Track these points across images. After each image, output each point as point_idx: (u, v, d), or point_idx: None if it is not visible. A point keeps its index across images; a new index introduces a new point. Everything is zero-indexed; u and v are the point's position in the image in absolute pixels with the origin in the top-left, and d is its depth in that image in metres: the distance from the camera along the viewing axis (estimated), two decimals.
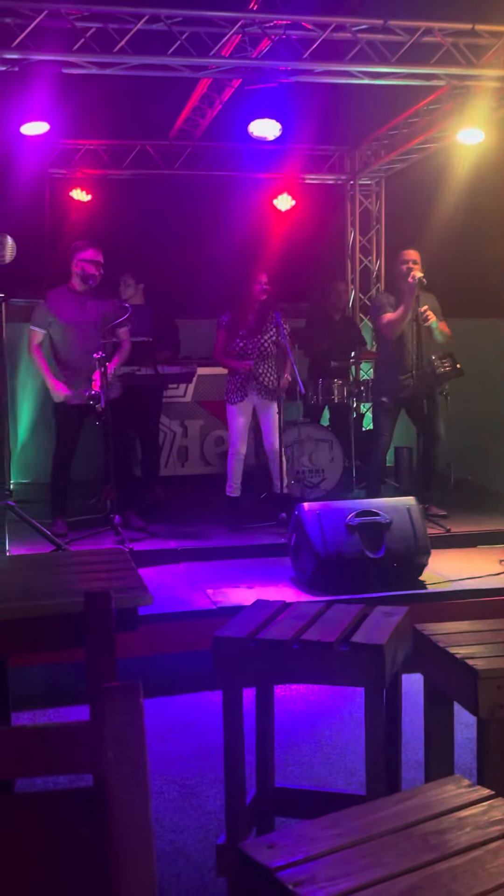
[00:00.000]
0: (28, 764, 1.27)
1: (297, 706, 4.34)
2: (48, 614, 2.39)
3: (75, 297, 6.10)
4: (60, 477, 6.23)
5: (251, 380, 6.56)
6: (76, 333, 6.04)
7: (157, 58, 6.05)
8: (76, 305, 6.07)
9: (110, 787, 1.21)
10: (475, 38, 6.35)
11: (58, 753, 1.27)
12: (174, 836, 3.20)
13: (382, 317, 6.63)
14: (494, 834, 1.69)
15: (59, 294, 6.12)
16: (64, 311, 6.06)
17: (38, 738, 1.28)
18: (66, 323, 6.05)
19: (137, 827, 1.23)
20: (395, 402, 6.74)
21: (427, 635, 2.73)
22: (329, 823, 1.74)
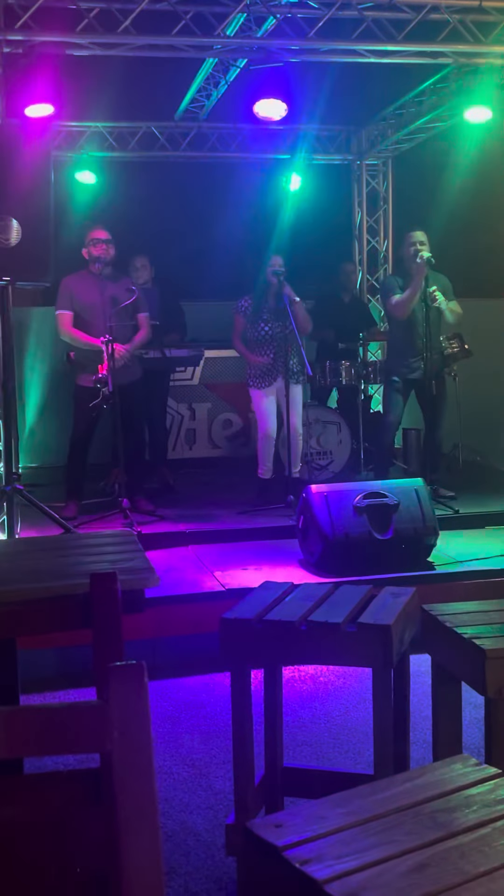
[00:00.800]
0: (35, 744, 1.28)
1: (305, 687, 4.36)
2: (54, 595, 2.39)
3: (93, 280, 6.14)
4: (78, 460, 6.26)
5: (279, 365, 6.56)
6: (95, 315, 6.07)
7: (162, 38, 6.01)
8: (95, 288, 6.11)
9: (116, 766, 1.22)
10: (482, 15, 6.29)
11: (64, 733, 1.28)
12: (183, 816, 3.22)
13: (391, 298, 6.61)
14: (502, 812, 1.69)
15: (79, 277, 6.18)
16: (83, 294, 6.11)
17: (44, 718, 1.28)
18: (85, 304, 6.08)
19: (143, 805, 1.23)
20: (405, 382, 6.74)
21: (435, 615, 2.73)
22: (337, 802, 1.75)
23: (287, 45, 6.19)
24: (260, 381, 6.65)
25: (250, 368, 6.70)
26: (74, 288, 6.13)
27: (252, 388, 6.72)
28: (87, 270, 6.20)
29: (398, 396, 6.80)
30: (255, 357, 6.59)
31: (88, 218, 6.92)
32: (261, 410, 6.71)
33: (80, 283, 6.16)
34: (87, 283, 6.15)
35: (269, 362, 6.59)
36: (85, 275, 6.19)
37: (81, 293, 6.12)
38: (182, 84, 8.08)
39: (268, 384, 6.63)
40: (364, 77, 7.54)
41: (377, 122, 9.24)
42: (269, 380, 6.62)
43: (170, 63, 6.67)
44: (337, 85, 7.65)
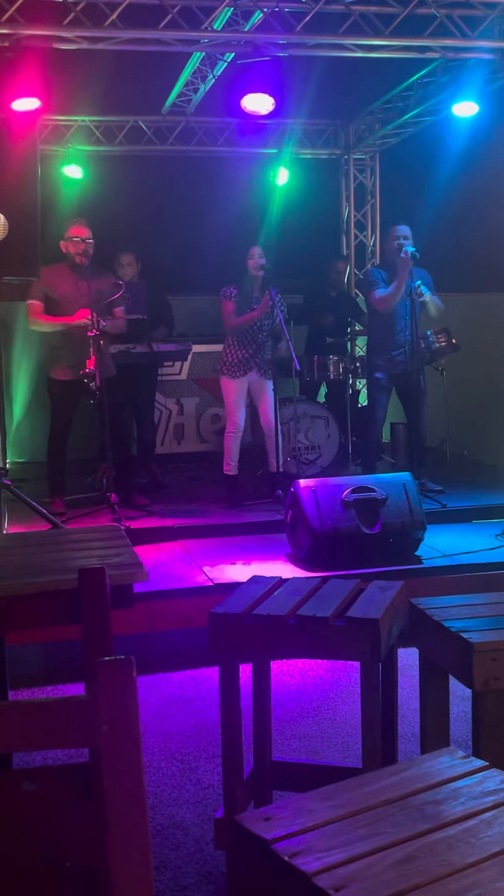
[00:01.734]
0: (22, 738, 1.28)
1: (294, 681, 4.37)
2: (42, 591, 2.39)
3: (70, 275, 6.08)
4: (57, 456, 6.23)
5: (255, 357, 6.53)
6: (70, 310, 6.02)
7: (149, 32, 5.98)
8: (72, 282, 6.06)
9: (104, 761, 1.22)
10: (469, 10, 6.29)
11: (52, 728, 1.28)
12: (173, 811, 3.23)
13: (374, 292, 6.61)
14: (488, 804, 1.70)
15: (55, 270, 6.11)
16: (59, 287, 6.05)
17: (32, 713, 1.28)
18: (61, 298, 6.03)
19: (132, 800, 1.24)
20: (389, 378, 6.75)
21: (422, 609, 2.75)
22: (325, 795, 1.76)
23: (274, 39, 6.17)
24: (233, 371, 6.58)
25: (227, 356, 6.63)
26: (48, 280, 6.06)
27: (224, 377, 6.65)
28: (64, 264, 6.14)
29: (382, 393, 6.82)
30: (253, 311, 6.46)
31: (75, 212, 6.88)
32: (230, 403, 6.61)
33: (56, 275, 6.08)
34: (62, 276, 6.09)
35: (246, 354, 6.54)
36: (62, 268, 6.13)
37: (56, 285, 6.05)
38: (169, 78, 8.06)
39: (241, 374, 6.56)
40: (351, 71, 7.54)
41: (365, 117, 9.24)
42: (243, 370, 6.56)
43: (157, 57, 6.64)
44: (324, 79, 7.64)
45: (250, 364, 6.55)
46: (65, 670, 4.38)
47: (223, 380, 6.64)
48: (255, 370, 6.56)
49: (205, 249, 8.54)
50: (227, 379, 6.61)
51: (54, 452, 6.23)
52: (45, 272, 6.09)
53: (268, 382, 6.59)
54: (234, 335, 6.58)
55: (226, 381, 6.62)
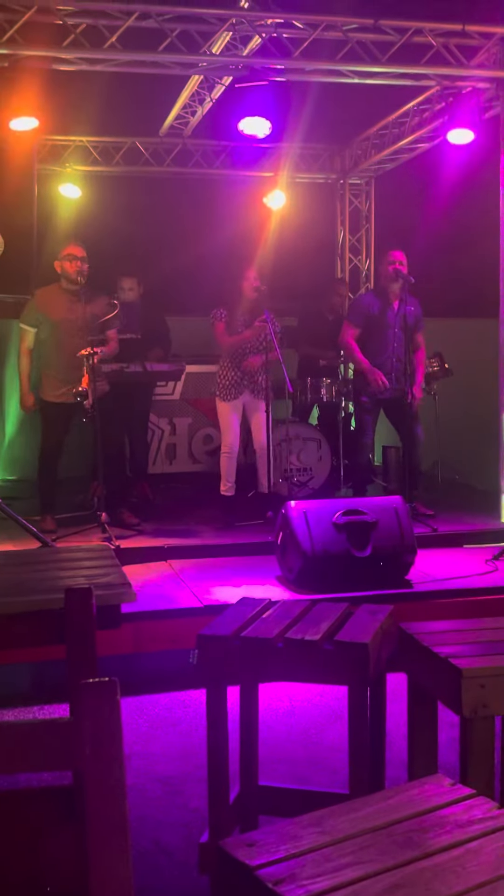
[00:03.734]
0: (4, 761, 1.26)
1: (282, 704, 4.34)
2: (28, 611, 2.38)
3: (65, 296, 6.09)
4: (47, 475, 6.22)
5: (246, 379, 6.54)
6: (65, 332, 6.04)
7: (148, 55, 6.04)
8: (66, 304, 6.07)
9: (87, 784, 1.21)
10: (465, 39, 6.36)
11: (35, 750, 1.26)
12: (157, 834, 3.19)
13: (348, 323, 6.71)
14: (475, 833, 1.69)
15: (50, 292, 6.12)
16: (54, 310, 6.06)
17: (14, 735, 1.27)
18: (55, 321, 6.04)
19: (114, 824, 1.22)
20: (374, 402, 6.78)
21: (411, 634, 2.73)
22: (310, 822, 1.74)
23: (272, 64, 6.23)
24: (226, 393, 6.60)
25: (220, 379, 6.65)
26: (42, 303, 6.08)
27: (218, 398, 6.67)
28: (58, 285, 6.15)
29: (368, 417, 6.85)
30: (249, 330, 6.47)
31: (72, 231, 6.90)
32: (223, 422, 6.65)
33: (50, 297, 6.11)
34: (57, 298, 6.10)
35: (238, 375, 6.55)
36: (55, 289, 6.14)
37: (50, 309, 6.08)
38: (167, 100, 8.12)
39: (233, 397, 6.58)
40: (348, 97, 7.60)
41: (360, 142, 9.31)
42: (235, 392, 6.58)
43: (155, 79, 6.69)
44: (321, 104, 7.70)
45: (242, 386, 6.56)
46: (51, 690, 4.34)
47: (217, 401, 6.66)
48: (247, 392, 6.58)
49: (200, 270, 8.57)
50: (220, 401, 6.63)
51: (44, 472, 6.22)
52: (40, 295, 6.12)
53: (261, 403, 6.60)
54: (227, 357, 6.60)
55: (219, 402, 6.64)
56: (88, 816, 1.20)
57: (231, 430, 6.61)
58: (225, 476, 6.63)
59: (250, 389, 6.58)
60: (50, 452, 6.20)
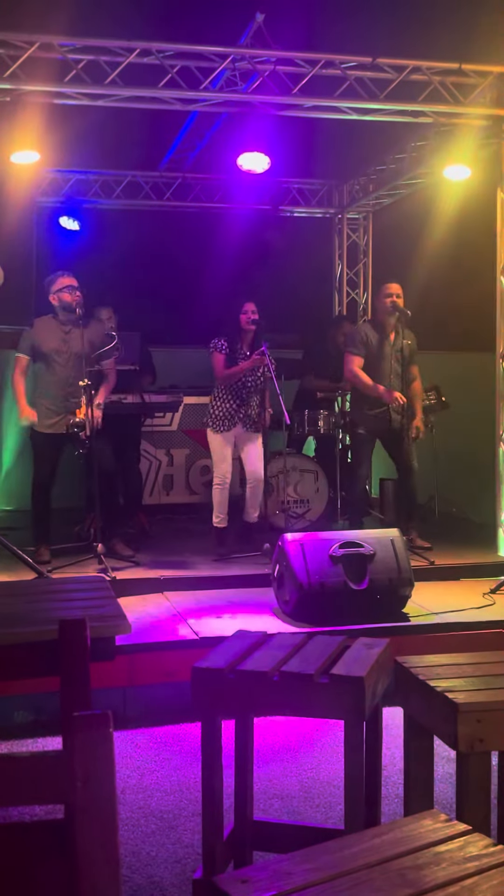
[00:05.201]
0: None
1: (277, 738, 4.31)
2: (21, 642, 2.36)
3: (60, 327, 6.09)
4: (40, 506, 6.19)
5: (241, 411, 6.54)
6: (59, 363, 6.05)
7: (148, 90, 6.11)
8: (60, 335, 6.07)
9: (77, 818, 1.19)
10: (462, 77, 6.45)
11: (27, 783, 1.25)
12: (150, 870, 3.16)
13: (349, 355, 6.71)
14: (471, 870, 1.67)
15: (45, 323, 6.13)
16: (47, 341, 6.07)
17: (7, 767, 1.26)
18: (48, 352, 6.05)
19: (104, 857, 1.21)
20: (370, 433, 6.79)
21: (408, 668, 2.72)
22: (304, 858, 1.72)
23: (271, 100, 6.30)
24: (219, 424, 6.60)
25: (213, 410, 6.65)
26: (38, 334, 6.11)
27: (209, 430, 6.66)
28: (52, 316, 6.15)
29: (365, 447, 6.86)
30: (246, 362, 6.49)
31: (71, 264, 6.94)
32: (215, 454, 6.64)
33: (45, 329, 6.12)
34: (50, 329, 6.11)
35: (232, 409, 6.57)
36: (49, 321, 6.15)
37: (44, 339, 6.09)
38: (167, 135, 8.20)
39: (227, 428, 6.59)
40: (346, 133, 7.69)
41: (358, 177, 9.40)
42: (229, 424, 6.58)
43: (155, 114, 6.77)
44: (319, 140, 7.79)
45: (235, 419, 6.57)
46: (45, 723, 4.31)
47: (209, 432, 6.66)
48: (240, 424, 6.58)
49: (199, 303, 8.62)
50: (211, 432, 6.63)
51: (37, 503, 6.19)
52: (36, 324, 6.14)
53: (254, 436, 6.61)
54: (222, 388, 6.61)
55: (211, 433, 6.64)
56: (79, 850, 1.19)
57: (225, 461, 6.60)
58: (217, 507, 6.62)
59: (243, 422, 6.58)
60: (42, 483, 6.17)
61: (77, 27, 5.92)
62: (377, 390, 6.57)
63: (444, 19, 6.50)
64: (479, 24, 6.31)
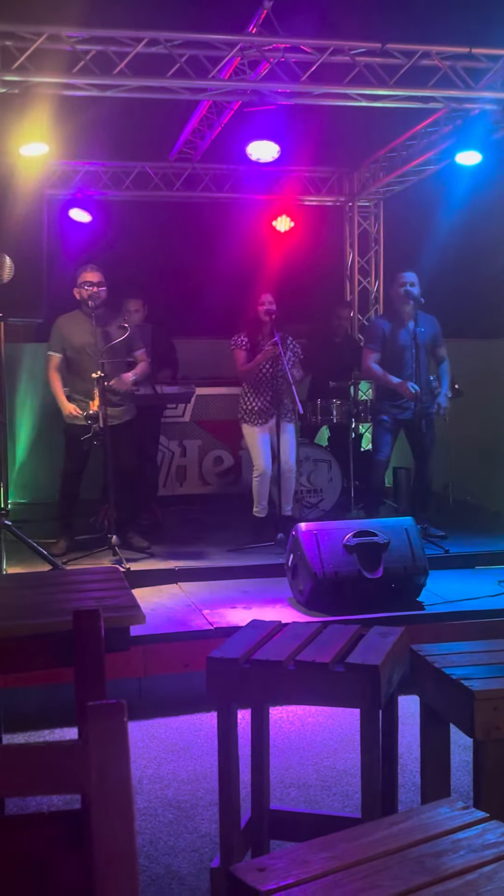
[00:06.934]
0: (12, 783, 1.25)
1: (293, 727, 4.31)
2: (36, 633, 2.36)
3: (86, 320, 6.16)
4: (68, 497, 6.27)
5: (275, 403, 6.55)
6: (88, 356, 6.11)
7: (157, 80, 6.09)
8: (88, 329, 6.13)
9: (93, 808, 1.19)
10: (472, 62, 6.40)
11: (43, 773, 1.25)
12: (168, 860, 3.16)
13: (368, 349, 6.72)
14: (489, 857, 1.66)
15: (73, 318, 6.22)
16: (77, 335, 6.14)
17: (23, 757, 1.26)
18: (79, 346, 6.12)
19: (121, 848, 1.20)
20: (394, 422, 6.77)
21: (423, 656, 2.71)
22: (322, 846, 1.72)
23: (280, 88, 6.27)
24: (255, 418, 6.64)
25: (247, 404, 6.68)
26: (65, 329, 6.18)
27: (246, 424, 6.70)
28: (79, 310, 6.23)
29: (387, 436, 6.83)
30: (263, 353, 6.49)
31: (82, 256, 6.95)
32: (256, 448, 6.69)
33: (72, 324, 6.20)
34: (78, 324, 6.18)
35: (266, 402, 6.60)
36: (77, 315, 6.23)
37: (72, 334, 6.17)
38: (176, 125, 8.18)
39: (263, 422, 6.63)
40: (356, 120, 7.64)
41: (369, 165, 9.35)
42: (266, 417, 6.63)
43: (164, 104, 6.74)
44: (329, 128, 7.75)
45: (270, 412, 6.60)
46: (61, 714, 4.32)
47: (244, 426, 6.71)
48: (275, 417, 6.60)
49: (209, 294, 8.61)
50: (248, 426, 6.68)
51: (66, 493, 6.28)
52: (63, 321, 6.21)
53: (289, 426, 6.65)
54: (247, 384, 6.64)
55: (247, 427, 6.69)
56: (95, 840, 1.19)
57: (263, 453, 6.65)
58: (258, 498, 6.68)
59: (278, 414, 6.59)
60: (72, 474, 6.27)
61: (85, 18, 5.90)
62: (391, 383, 6.56)
63: (454, 3, 6.44)
64: (489, 7, 6.25)
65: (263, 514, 6.71)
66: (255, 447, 6.69)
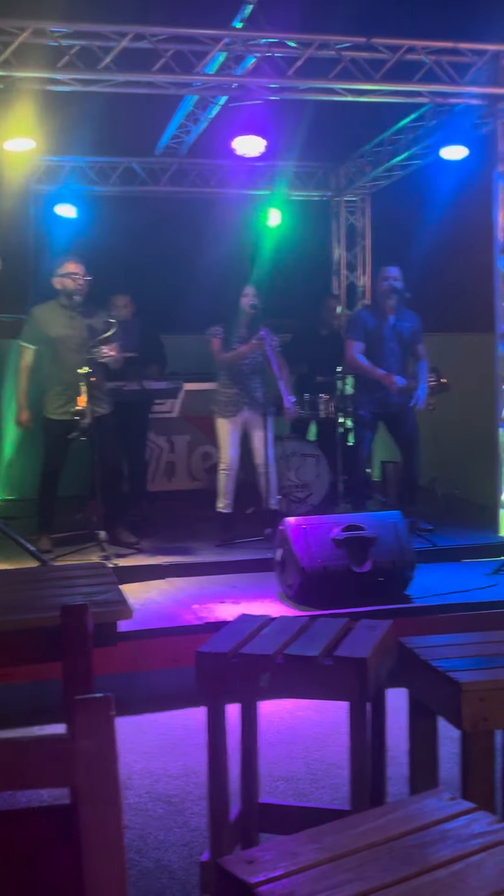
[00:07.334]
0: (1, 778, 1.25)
1: (282, 721, 4.32)
2: (24, 629, 2.37)
3: (63, 313, 6.10)
4: (48, 493, 6.22)
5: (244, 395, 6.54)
6: (65, 348, 6.05)
7: (142, 75, 6.07)
8: (65, 320, 6.08)
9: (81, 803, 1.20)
10: (458, 57, 6.41)
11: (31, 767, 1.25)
12: (158, 854, 3.17)
13: (350, 339, 6.71)
14: (476, 847, 1.67)
15: (48, 309, 6.14)
16: (53, 326, 6.08)
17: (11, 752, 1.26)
18: (55, 338, 6.06)
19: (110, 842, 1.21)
20: (373, 416, 6.79)
21: (411, 648, 2.72)
22: (310, 838, 1.73)
23: (266, 83, 6.27)
24: (224, 410, 6.60)
25: (218, 396, 6.66)
26: (41, 320, 6.11)
27: (216, 416, 6.66)
28: (56, 302, 6.16)
29: (366, 431, 6.87)
30: (243, 347, 6.47)
31: (69, 251, 6.93)
32: (224, 442, 6.64)
33: (49, 314, 6.12)
34: (55, 315, 6.11)
35: (239, 394, 6.57)
36: (53, 305, 6.15)
37: (48, 325, 6.10)
38: (162, 120, 8.16)
39: (232, 413, 6.59)
40: (342, 115, 7.64)
41: (355, 159, 9.36)
42: (234, 409, 6.58)
43: (150, 99, 6.73)
44: (315, 122, 7.74)
45: (241, 403, 6.57)
46: (49, 709, 4.31)
47: (216, 419, 6.66)
48: (246, 409, 6.58)
49: (196, 289, 8.60)
50: (219, 418, 6.63)
51: (46, 490, 6.22)
52: (38, 312, 6.13)
53: (261, 420, 6.61)
54: (224, 373, 6.61)
55: (218, 419, 6.64)
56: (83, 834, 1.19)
57: (231, 447, 6.60)
58: (223, 493, 6.63)
59: (249, 406, 6.58)
60: (52, 470, 6.21)
61: (69, 13, 5.88)
62: (376, 374, 6.58)
63: None
64: (474, 2, 6.26)
65: (229, 510, 6.66)
66: (224, 440, 6.63)
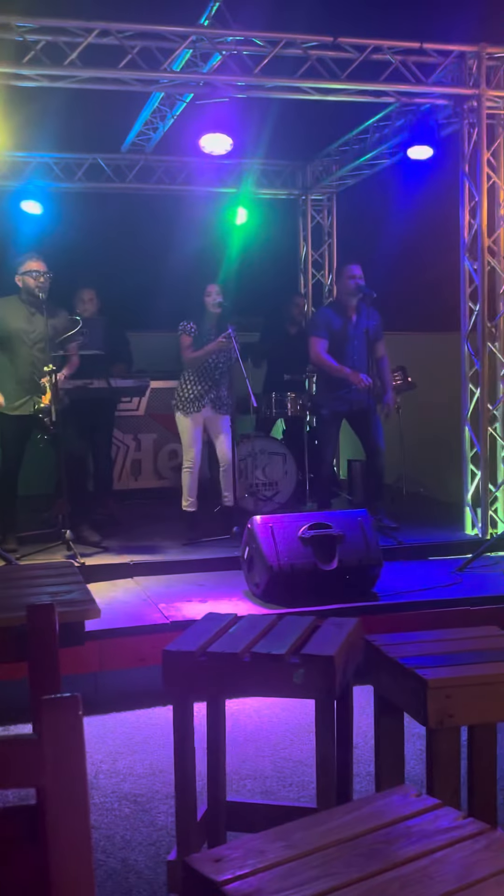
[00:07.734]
0: None
1: (249, 720, 4.33)
2: None
3: (24, 309, 6.05)
4: (7, 492, 6.14)
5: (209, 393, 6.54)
6: (25, 343, 6.00)
7: (108, 71, 6.03)
8: (24, 316, 6.03)
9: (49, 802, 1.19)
10: (423, 57, 6.44)
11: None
12: (125, 854, 3.16)
13: (313, 338, 6.72)
14: (441, 842, 1.69)
15: (8, 303, 6.08)
16: (12, 320, 6.02)
17: None
18: (13, 332, 6.00)
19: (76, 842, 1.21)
20: (334, 414, 6.82)
21: (377, 646, 2.74)
22: (277, 836, 1.73)
23: (232, 80, 6.26)
24: (187, 407, 6.59)
25: (181, 393, 6.64)
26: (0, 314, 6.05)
27: (179, 413, 6.64)
28: (16, 297, 6.11)
29: (329, 429, 6.90)
30: (214, 344, 6.45)
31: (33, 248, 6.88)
32: (185, 437, 6.62)
33: (7, 308, 6.06)
34: (14, 309, 6.05)
35: (202, 392, 6.56)
36: (13, 300, 6.09)
37: (6, 319, 6.03)
38: (129, 117, 8.12)
39: (194, 410, 6.58)
40: (309, 114, 7.66)
41: (322, 158, 9.38)
42: (197, 406, 6.57)
43: (116, 96, 6.69)
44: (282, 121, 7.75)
45: (203, 400, 6.56)
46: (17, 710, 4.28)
47: (177, 415, 6.64)
48: (208, 406, 6.57)
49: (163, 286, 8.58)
50: (180, 415, 6.61)
51: (5, 489, 6.13)
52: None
53: (223, 418, 6.61)
54: (190, 370, 6.60)
55: (180, 416, 6.62)
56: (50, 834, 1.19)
57: (194, 444, 6.59)
58: (187, 491, 6.62)
59: (212, 404, 6.57)
60: (9, 468, 6.13)
61: (35, 7, 5.83)
62: (343, 372, 6.60)
63: None
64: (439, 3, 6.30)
65: (193, 507, 6.65)
66: (187, 438, 6.62)
